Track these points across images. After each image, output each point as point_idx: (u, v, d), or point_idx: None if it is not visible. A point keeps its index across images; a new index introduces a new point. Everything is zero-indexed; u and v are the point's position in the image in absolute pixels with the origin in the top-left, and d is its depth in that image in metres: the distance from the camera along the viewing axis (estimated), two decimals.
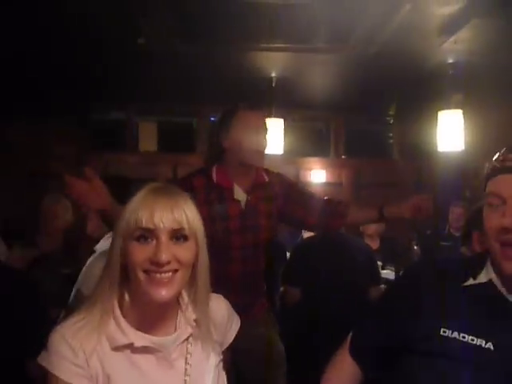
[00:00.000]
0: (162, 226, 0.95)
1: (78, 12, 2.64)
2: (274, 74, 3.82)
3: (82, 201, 1.67)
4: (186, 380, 1.01)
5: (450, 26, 2.74)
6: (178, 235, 0.97)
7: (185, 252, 0.98)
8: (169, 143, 5.31)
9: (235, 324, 1.18)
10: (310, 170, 5.24)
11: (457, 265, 1.12)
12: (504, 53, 3.05)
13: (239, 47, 3.24)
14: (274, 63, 3.63)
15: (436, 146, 3.72)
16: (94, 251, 1.89)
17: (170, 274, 0.96)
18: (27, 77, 3.77)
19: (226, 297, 1.17)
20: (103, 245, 1.83)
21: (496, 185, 1.00)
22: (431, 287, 1.07)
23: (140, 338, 0.98)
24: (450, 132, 3.54)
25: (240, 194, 2.01)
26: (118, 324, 0.98)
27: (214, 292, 1.12)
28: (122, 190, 1.95)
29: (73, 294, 1.77)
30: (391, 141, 5.62)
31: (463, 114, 3.55)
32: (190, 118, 5.25)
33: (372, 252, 3.25)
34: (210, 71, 3.72)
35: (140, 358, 0.98)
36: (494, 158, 1.04)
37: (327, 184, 5.20)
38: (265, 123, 2.04)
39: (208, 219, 1.04)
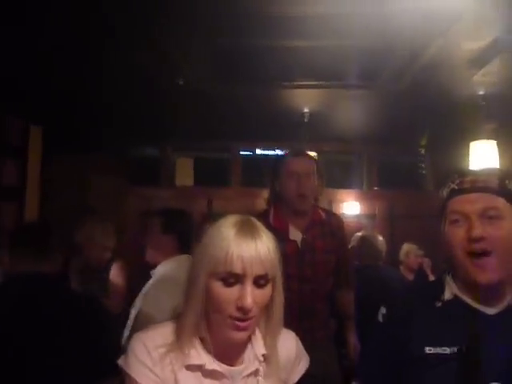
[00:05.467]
0: (250, 272, 0.97)
1: (119, 51, 2.82)
2: (306, 110, 3.94)
3: None
4: None
5: (479, 60, 2.81)
6: (261, 280, 0.99)
7: (264, 296, 1.00)
8: (204, 178, 5.48)
9: (303, 364, 1.17)
10: (343, 201, 5.28)
11: (427, 289, 1.24)
12: None
13: (273, 85, 3.38)
14: (306, 99, 3.75)
15: None
16: (150, 275, 2.03)
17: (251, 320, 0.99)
18: (70, 113, 4.00)
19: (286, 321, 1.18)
20: (160, 270, 1.97)
21: (458, 204, 1.12)
22: (414, 312, 1.18)
23: (211, 362, 1.03)
24: (483, 162, 3.55)
25: (295, 234, 2.15)
26: (194, 346, 1.03)
27: None
28: (181, 222, 2.12)
29: (133, 315, 1.87)
30: (424, 172, 5.62)
31: (496, 144, 3.57)
32: (225, 153, 5.42)
33: (406, 282, 3.26)
34: (244, 108, 3.87)
35: (207, 382, 1.03)
36: (450, 183, 1.17)
37: (361, 216, 5.21)
38: (308, 168, 2.20)
39: None
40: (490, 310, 1.11)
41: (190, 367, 1.02)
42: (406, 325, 1.16)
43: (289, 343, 1.15)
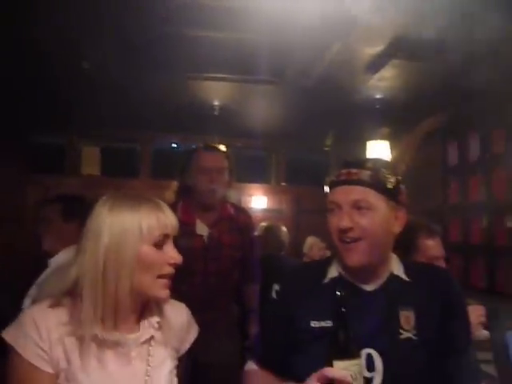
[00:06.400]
0: (174, 232, 1.11)
1: (21, 34, 2.68)
2: (216, 103, 3.99)
3: None
4: (146, 380, 1.07)
5: (374, 65, 3.03)
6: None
7: None
8: (112, 168, 5.33)
9: (193, 334, 1.24)
10: (252, 196, 5.41)
11: (316, 267, 1.36)
12: (420, 90, 3.39)
13: (182, 76, 3.39)
14: (216, 92, 3.80)
15: None
16: (47, 264, 1.95)
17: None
18: None
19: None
20: (61, 258, 1.90)
21: (334, 194, 1.25)
22: (303, 288, 1.30)
23: (104, 332, 1.03)
24: None
25: (202, 229, 2.17)
26: (87, 315, 1.02)
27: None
28: (83, 208, 2.05)
29: (27, 305, 1.80)
30: (329, 169, 5.91)
31: (389, 144, 3.88)
32: (134, 143, 5.32)
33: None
34: (153, 98, 3.83)
35: (101, 351, 1.04)
36: (331, 175, 1.29)
37: (268, 210, 5.37)
38: (220, 163, 2.22)
39: None
40: (368, 287, 1.25)
41: (81, 338, 1.02)
42: (295, 300, 1.27)
43: (180, 313, 1.22)
